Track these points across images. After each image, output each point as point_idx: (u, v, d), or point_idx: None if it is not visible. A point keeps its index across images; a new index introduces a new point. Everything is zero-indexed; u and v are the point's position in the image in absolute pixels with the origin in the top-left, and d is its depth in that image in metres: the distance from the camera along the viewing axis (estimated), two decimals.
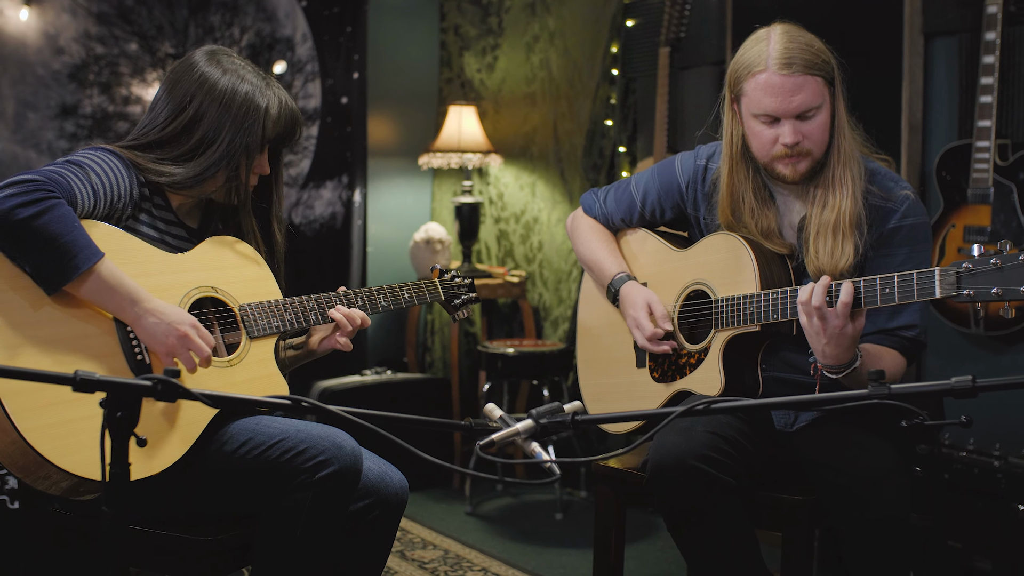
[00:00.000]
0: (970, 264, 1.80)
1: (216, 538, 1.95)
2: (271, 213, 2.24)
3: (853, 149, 2.15)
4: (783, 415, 2.28)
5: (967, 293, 1.80)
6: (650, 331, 2.32)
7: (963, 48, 3.05)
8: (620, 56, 4.15)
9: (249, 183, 2.13)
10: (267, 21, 4.48)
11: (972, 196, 2.90)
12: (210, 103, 2.06)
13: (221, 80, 2.07)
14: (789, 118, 2.10)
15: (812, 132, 2.11)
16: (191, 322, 1.93)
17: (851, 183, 2.13)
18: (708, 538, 2.09)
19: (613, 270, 2.47)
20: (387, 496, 2.12)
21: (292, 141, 2.20)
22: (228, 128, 2.06)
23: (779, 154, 2.14)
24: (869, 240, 2.16)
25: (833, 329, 1.97)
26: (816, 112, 2.11)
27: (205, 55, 2.11)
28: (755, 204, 2.22)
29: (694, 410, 1.45)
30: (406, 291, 2.35)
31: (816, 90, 2.09)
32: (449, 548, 3.57)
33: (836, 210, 2.13)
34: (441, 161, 4.57)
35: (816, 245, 2.15)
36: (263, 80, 2.12)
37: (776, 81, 2.08)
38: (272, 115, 2.10)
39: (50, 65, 3.96)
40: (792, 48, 2.09)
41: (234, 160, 2.07)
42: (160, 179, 2.03)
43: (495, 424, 1.49)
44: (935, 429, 1.39)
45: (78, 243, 1.82)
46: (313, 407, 1.43)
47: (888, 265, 2.14)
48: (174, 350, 1.91)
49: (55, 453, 1.77)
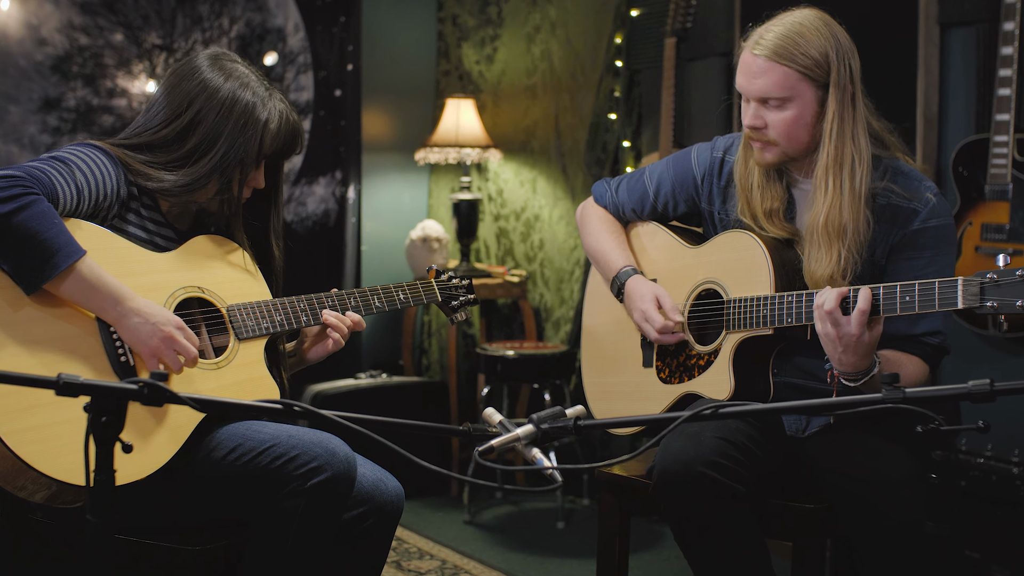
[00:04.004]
0: (995, 275, 1.81)
1: (205, 548, 1.95)
2: (269, 227, 2.23)
3: (847, 157, 2.13)
4: (794, 420, 2.28)
5: (991, 305, 1.82)
6: (660, 323, 2.31)
7: (981, 39, 3.05)
8: (624, 47, 4.15)
9: (242, 196, 2.12)
10: (257, 11, 4.48)
11: (990, 192, 2.90)
12: (209, 110, 2.05)
13: (223, 87, 2.06)
14: (751, 100, 2.16)
15: (777, 123, 2.14)
16: (176, 323, 1.93)
17: (836, 190, 2.12)
18: (716, 548, 2.09)
19: (620, 263, 2.47)
20: (382, 504, 2.12)
21: (292, 155, 2.19)
22: (225, 138, 2.05)
23: (747, 135, 2.21)
24: (883, 243, 2.16)
25: (849, 337, 1.97)
26: (782, 104, 2.13)
27: (209, 59, 2.10)
28: (764, 182, 2.24)
29: (702, 415, 1.45)
30: (401, 292, 2.35)
31: (782, 82, 2.11)
32: (447, 558, 3.57)
33: (814, 215, 2.15)
34: (438, 156, 4.57)
35: (807, 252, 2.17)
36: (266, 91, 2.11)
37: (747, 59, 2.16)
38: (271, 130, 2.10)
39: (32, 56, 3.96)
40: (777, 34, 2.12)
41: (228, 172, 2.06)
42: (149, 183, 2.03)
43: (494, 429, 1.49)
44: (951, 434, 1.39)
45: (57, 241, 1.82)
46: (305, 411, 1.43)
47: (912, 268, 2.15)
48: (158, 352, 1.91)
49: (36, 457, 1.77)
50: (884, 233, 2.17)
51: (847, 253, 2.11)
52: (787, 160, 2.21)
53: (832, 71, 2.11)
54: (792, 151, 2.18)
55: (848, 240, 2.11)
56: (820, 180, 2.14)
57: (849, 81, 2.13)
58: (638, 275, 2.43)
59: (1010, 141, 2.85)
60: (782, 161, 2.20)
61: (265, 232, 2.23)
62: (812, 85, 2.12)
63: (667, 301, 2.34)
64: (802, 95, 2.13)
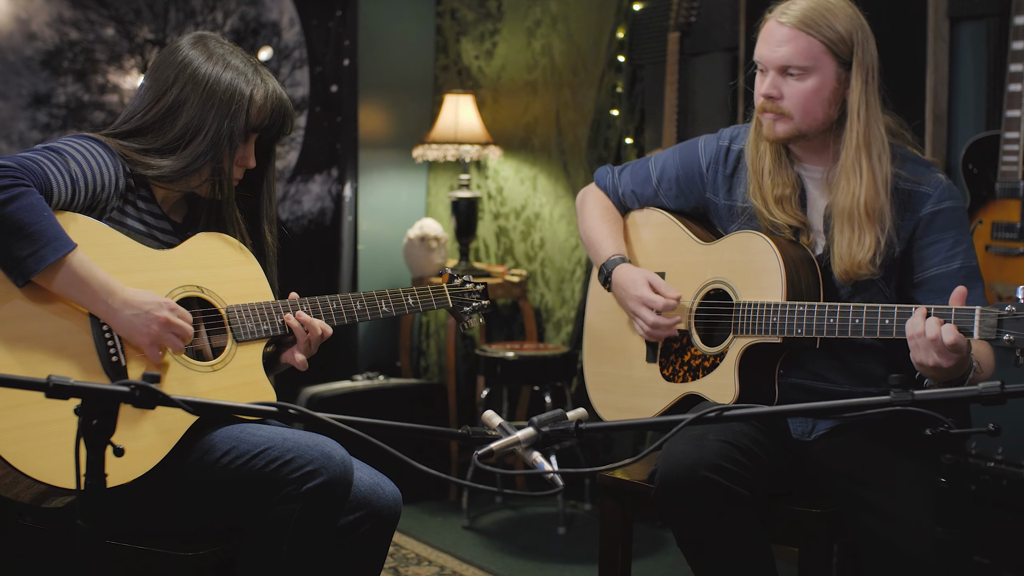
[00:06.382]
0: (1013, 308, 1.82)
1: (198, 553, 1.95)
2: (261, 213, 2.23)
3: (875, 139, 2.16)
4: (800, 423, 2.28)
5: (1007, 339, 1.83)
6: (661, 302, 2.31)
7: (991, 33, 3.05)
8: (627, 42, 4.15)
9: (233, 177, 2.13)
10: (252, 5, 4.48)
11: (1000, 190, 2.90)
12: (192, 89, 2.06)
13: (204, 66, 2.07)
14: (771, 69, 2.17)
15: (794, 95, 2.16)
16: (168, 304, 1.94)
17: (869, 172, 2.14)
18: (720, 554, 2.09)
19: (609, 251, 2.46)
20: (379, 509, 2.12)
21: (282, 134, 2.19)
22: (213, 117, 2.06)
23: (761, 107, 2.21)
24: (902, 230, 2.17)
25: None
26: (803, 75, 2.15)
27: (191, 40, 2.12)
28: (775, 168, 2.25)
29: (705, 418, 1.45)
30: (410, 296, 2.33)
31: (806, 51, 2.13)
32: (445, 564, 3.57)
33: (851, 196, 2.15)
34: (437, 153, 4.57)
35: (838, 237, 2.17)
36: (251, 66, 2.12)
37: (771, 27, 2.18)
38: (256, 102, 2.10)
39: (22, 51, 3.96)
40: (805, 5, 2.15)
41: (219, 152, 2.07)
42: (147, 172, 2.04)
43: (494, 433, 1.49)
44: (961, 438, 1.39)
45: (47, 233, 1.82)
46: (301, 414, 1.43)
47: (939, 251, 2.16)
48: (158, 338, 1.92)
49: (20, 458, 1.77)
50: (896, 221, 2.18)
51: (884, 237, 2.13)
52: (798, 136, 2.20)
53: (857, 50, 2.14)
54: (805, 126, 2.18)
55: (884, 224, 2.13)
56: (851, 161, 2.15)
57: (871, 65, 2.15)
58: (626, 263, 2.42)
59: (1021, 138, 2.84)
60: (792, 137, 2.20)
61: (258, 218, 2.23)
62: (835, 60, 2.15)
63: (660, 282, 2.34)
64: (823, 68, 2.14)
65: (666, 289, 2.33)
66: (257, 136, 2.15)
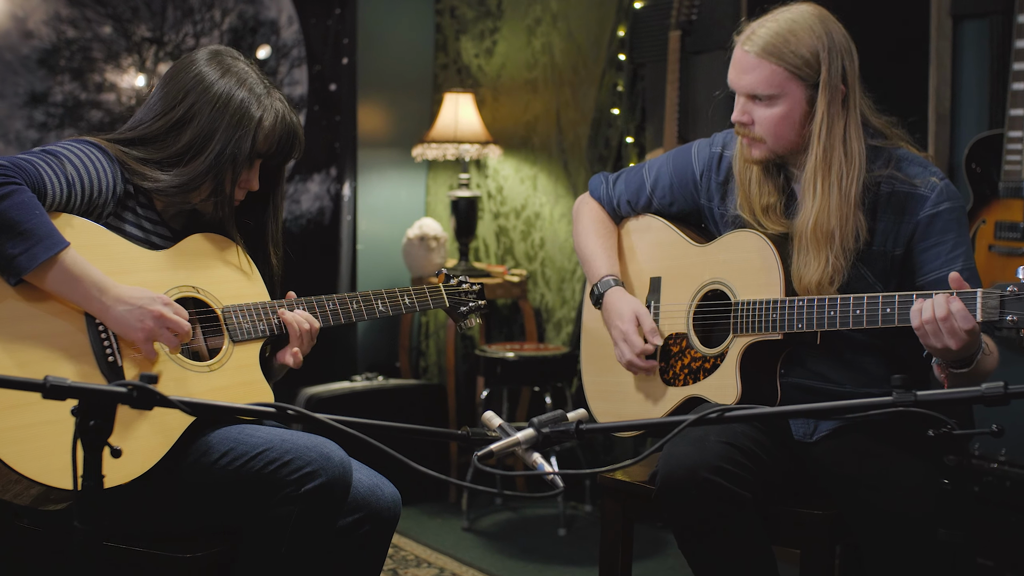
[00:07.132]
0: (1015, 288, 1.81)
1: (196, 555, 1.95)
2: (267, 235, 2.22)
3: (835, 159, 2.13)
4: (802, 424, 2.28)
5: (1010, 319, 1.83)
6: (640, 347, 2.34)
7: (994, 31, 3.05)
8: (627, 40, 4.15)
9: (234, 198, 2.12)
10: (250, 3, 4.48)
11: (1004, 190, 2.90)
12: (203, 105, 2.05)
13: (218, 83, 2.07)
14: (741, 95, 2.19)
15: (763, 120, 2.17)
16: (162, 299, 1.94)
17: (824, 193, 2.13)
18: (722, 555, 2.09)
19: (603, 270, 2.47)
20: (378, 510, 2.12)
21: (289, 159, 2.17)
22: (219, 137, 2.05)
23: (736, 130, 2.23)
24: (900, 233, 2.16)
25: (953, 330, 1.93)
26: (771, 101, 2.15)
27: (208, 54, 2.11)
28: (762, 177, 2.25)
29: (707, 419, 1.45)
30: (407, 296, 2.33)
31: (769, 79, 2.13)
32: (445, 566, 3.57)
33: (803, 218, 2.16)
34: (436, 152, 4.57)
35: (794, 255, 2.18)
36: (265, 89, 2.11)
37: (738, 55, 2.19)
38: (265, 127, 2.09)
39: (18, 50, 3.96)
40: (768, 31, 2.14)
41: (221, 173, 2.06)
42: (144, 183, 2.04)
43: (494, 434, 1.49)
44: (964, 439, 1.39)
45: (38, 231, 1.82)
46: (299, 415, 1.43)
47: (940, 255, 2.15)
48: (153, 333, 1.92)
49: (17, 459, 1.77)
50: (893, 224, 2.18)
51: (835, 260, 2.12)
52: (775, 158, 2.22)
53: (822, 71, 2.12)
54: (780, 149, 2.19)
55: (836, 247, 2.12)
56: (808, 183, 2.16)
57: (841, 81, 2.14)
58: (619, 288, 2.43)
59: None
60: (770, 159, 2.22)
61: (264, 240, 2.22)
62: (801, 84, 2.14)
63: (647, 322, 2.35)
64: (790, 94, 2.14)
65: (650, 332, 2.35)
66: (262, 160, 2.14)
